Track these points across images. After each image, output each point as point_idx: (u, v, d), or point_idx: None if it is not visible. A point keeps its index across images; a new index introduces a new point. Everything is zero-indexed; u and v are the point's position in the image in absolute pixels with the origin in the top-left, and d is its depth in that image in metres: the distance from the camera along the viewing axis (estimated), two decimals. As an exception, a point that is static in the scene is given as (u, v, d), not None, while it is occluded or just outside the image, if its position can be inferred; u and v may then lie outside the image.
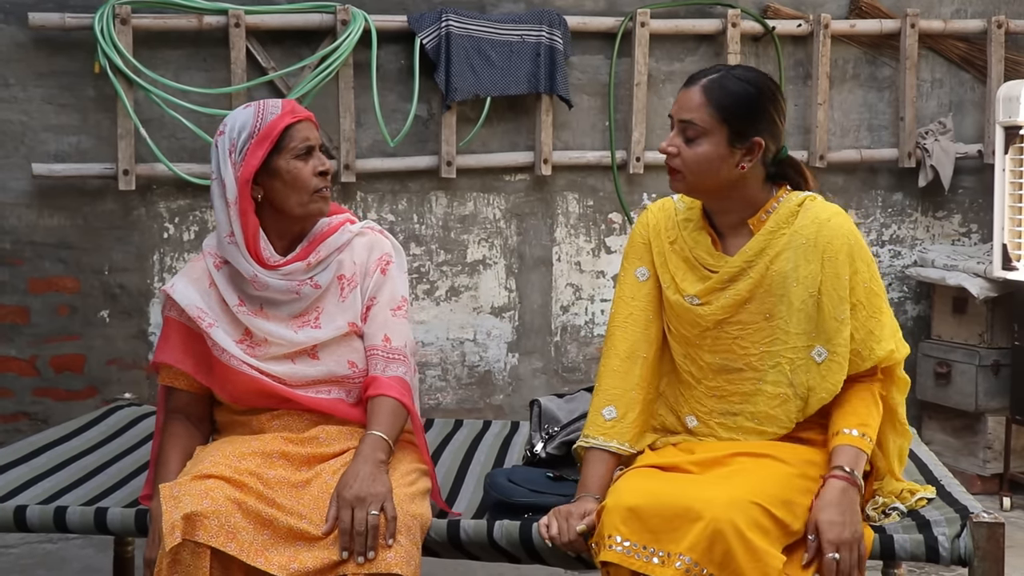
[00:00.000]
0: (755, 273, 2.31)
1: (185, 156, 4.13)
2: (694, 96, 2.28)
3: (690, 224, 2.40)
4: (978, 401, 4.27)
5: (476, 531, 2.30)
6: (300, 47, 4.16)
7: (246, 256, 2.39)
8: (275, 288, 2.41)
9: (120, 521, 2.33)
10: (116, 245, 4.15)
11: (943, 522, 2.23)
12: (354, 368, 2.44)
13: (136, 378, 4.18)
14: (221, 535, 2.14)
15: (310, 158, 2.41)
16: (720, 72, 2.31)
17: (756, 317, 2.31)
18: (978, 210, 4.70)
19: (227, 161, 2.38)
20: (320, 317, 2.45)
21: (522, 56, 4.23)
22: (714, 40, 4.46)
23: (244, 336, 2.42)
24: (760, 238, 2.32)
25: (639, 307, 2.40)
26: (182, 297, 2.42)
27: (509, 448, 2.93)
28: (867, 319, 2.28)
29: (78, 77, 4.06)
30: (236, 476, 2.22)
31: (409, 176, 4.31)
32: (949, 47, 4.63)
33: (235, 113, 2.44)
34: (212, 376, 2.42)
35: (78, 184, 4.10)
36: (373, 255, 2.50)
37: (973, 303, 4.31)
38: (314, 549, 2.18)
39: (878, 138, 4.63)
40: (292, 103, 2.44)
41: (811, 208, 2.32)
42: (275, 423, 2.41)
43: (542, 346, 4.46)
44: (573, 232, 4.46)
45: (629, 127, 4.39)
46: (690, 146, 2.28)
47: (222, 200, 2.39)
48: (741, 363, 2.32)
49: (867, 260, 2.32)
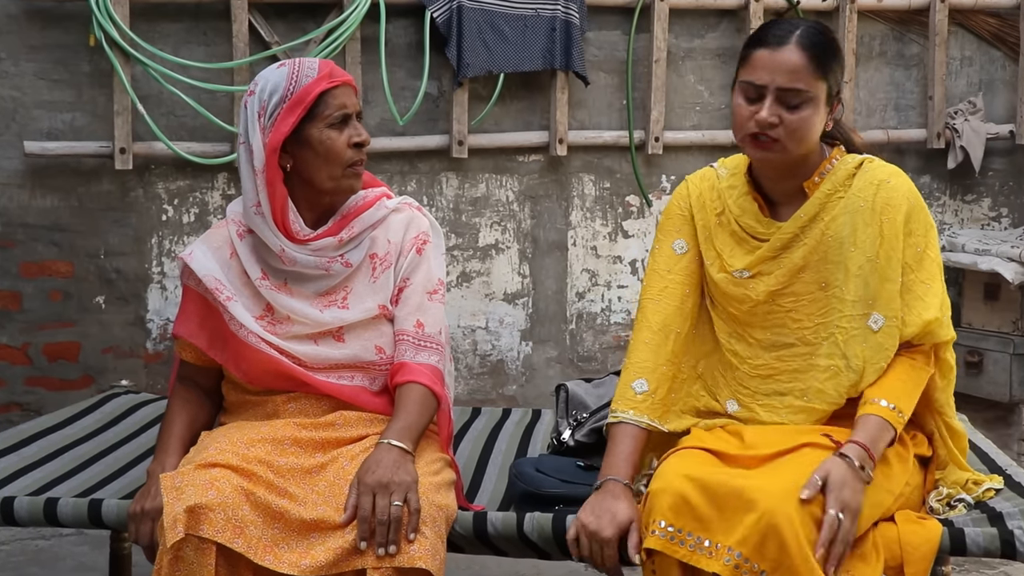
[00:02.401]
0: (810, 239, 2.14)
1: (185, 134, 3.95)
2: (792, 57, 2.06)
3: (735, 191, 2.22)
4: (1012, 391, 4.13)
5: (505, 524, 2.12)
6: (305, 20, 3.98)
7: (273, 229, 2.22)
8: (303, 264, 2.24)
9: (116, 514, 2.15)
10: (112, 228, 3.96)
11: (1017, 514, 2.05)
12: (381, 354, 2.26)
13: (133, 367, 3.99)
14: (228, 529, 1.96)
15: (345, 127, 2.23)
16: (801, 26, 2.11)
17: (811, 287, 2.14)
18: (1009, 193, 4.55)
19: (256, 125, 2.20)
20: (348, 297, 2.28)
21: (537, 31, 4.06)
22: (735, 15, 4.29)
23: (265, 312, 2.25)
24: (815, 201, 2.15)
25: (675, 281, 2.23)
26: (200, 266, 2.25)
27: (532, 436, 2.75)
28: (916, 283, 2.11)
29: (72, 51, 3.88)
30: (244, 464, 2.04)
31: (418, 156, 4.14)
32: (980, 23, 4.47)
33: (267, 72, 2.25)
34: (226, 352, 2.25)
35: (72, 163, 3.92)
36: (409, 233, 2.32)
37: (1006, 289, 4.16)
38: (329, 540, 1.99)
39: (905, 118, 4.47)
40: (331, 64, 2.26)
41: (869, 170, 2.16)
42: (290, 406, 2.23)
43: (557, 334, 4.28)
44: (589, 215, 4.28)
45: (647, 106, 4.22)
46: (793, 112, 2.08)
47: (249, 167, 2.22)
48: (793, 337, 2.16)
49: (925, 224, 2.15)
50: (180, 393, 2.32)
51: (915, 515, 2.08)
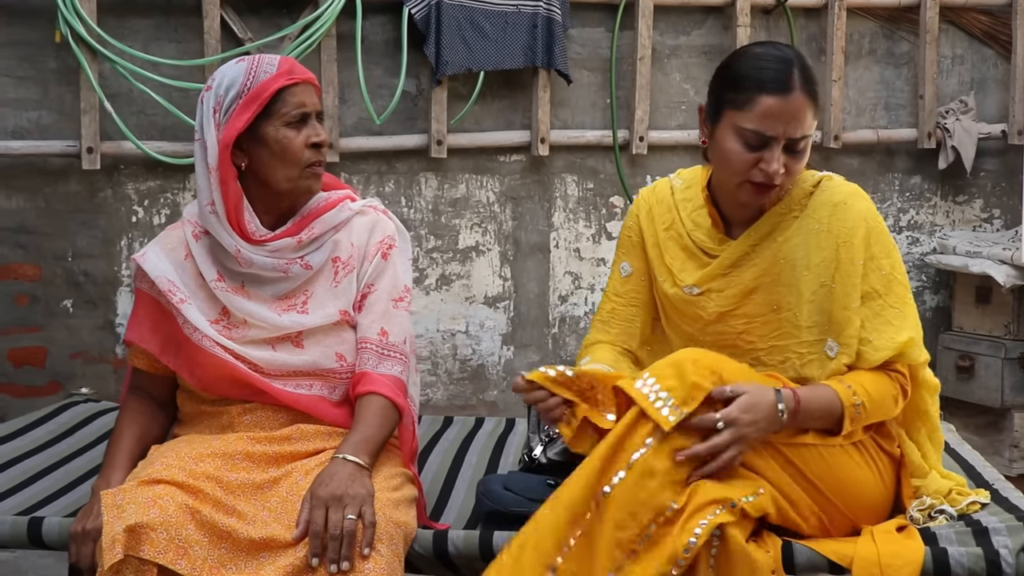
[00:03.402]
0: (761, 260, 2.08)
1: (155, 133, 3.85)
2: (801, 106, 2.01)
3: (688, 204, 2.18)
4: (1004, 396, 4.05)
5: (467, 544, 2.03)
6: (279, 16, 3.89)
7: (227, 228, 2.15)
8: (260, 265, 2.17)
9: (57, 533, 2.04)
10: (80, 229, 3.86)
11: (1004, 531, 1.96)
12: (342, 362, 2.17)
13: (102, 372, 3.89)
14: (171, 550, 1.86)
15: (304, 127, 2.15)
16: (796, 61, 2.03)
17: (763, 308, 2.08)
18: (1001, 194, 4.46)
19: (210, 121, 2.13)
20: (308, 301, 2.20)
21: (518, 28, 3.97)
22: (722, 12, 4.20)
23: (221, 316, 2.17)
24: (768, 219, 2.09)
25: (622, 302, 2.26)
26: (152, 268, 2.18)
27: (504, 450, 2.66)
28: (885, 308, 2.04)
29: (38, 47, 3.77)
30: (191, 481, 1.95)
31: (396, 156, 4.04)
32: (971, 20, 4.38)
33: (225, 67, 2.18)
34: (180, 358, 2.17)
35: (38, 163, 3.81)
36: (374, 237, 2.25)
37: (998, 292, 4.08)
38: (279, 559, 1.90)
39: (896, 117, 4.38)
40: (291, 62, 2.19)
41: (827, 189, 2.09)
42: (246, 418, 2.14)
43: (539, 338, 4.19)
44: (572, 217, 4.19)
45: (632, 105, 4.13)
46: (797, 158, 2.04)
47: (203, 164, 2.14)
48: (748, 358, 2.09)
49: (886, 246, 2.08)
50: (131, 404, 2.24)
51: (895, 528, 2.00)
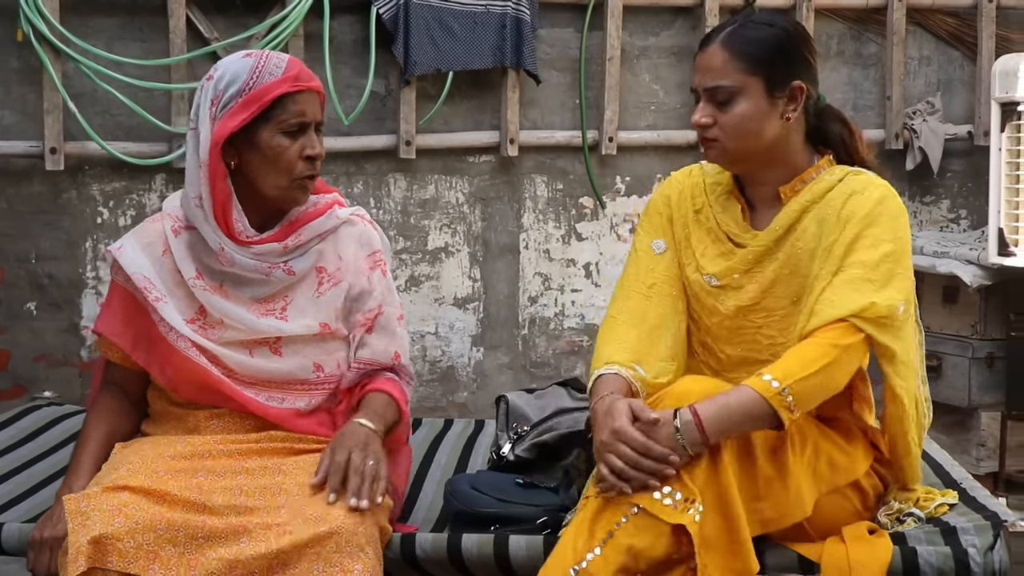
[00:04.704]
0: (782, 253, 2.04)
1: (120, 134, 3.81)
2: (715, 56, 2.01)
3: (718, 189, 2.13)
4: (971, 396, 4.05)
5: (435, 547, 2.01)
6: (246, 16, 3.86)
7: (213, 225, 2.08)
8: (242, 266, 2.11)
9: (17, 539, 2.01)
10: (44, 231, 3.82)
11: (971, 530, 1.96)
12: (319, 372, 2.13)
13: (67, 376, 3.85)
14: (140, 557, 1.83)
15: (300, 136, 2.08)
16: (736, 22, 2.04)
17: (783, 302, 2.04)
18: (967, 195, 4.49)
19: (206, 113, 2.07)
20: (288, 308, 2.15)
21: (487, 28, 3.96)
22: (691, 13, 4.21)
23: (197, 315, 2.11)
24: (789, 212, 2.04)
25: (661, 278, 2.12)
26: (129, 262, 2.11)
27: (473, 450, 2.65)
28: (861, 280, 1.93)
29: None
30: (156, 486, 1.90)
31: (365, 157, 4.02)
32: (938, 22, 4.41)
33: (231, 60, 2.11)
34: (151, 355, 2.12)
35: (1, 164, 3.77)
36: (363, 251, 2.20)
37: (965, 292, 4.09)
38: (258, 544, 1.84)
39: (864, 118, 4.38)
40: (299, 66, 2.11)
41: (849, 181, 2.03)
42: (213, 423, 2.10)
43: (508, 340, 4.17)
44: (542, 217, 4.18)
45: (601, 105, 4.12)
46: (724, 110, 2.00)
47: (194, 155, 2.08)
48: (767, 354, 2.04)
49: (894, 231, 1.97)
50: (102, 401, 2.18)
51: (865, 530, 1.98)
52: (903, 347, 1.97)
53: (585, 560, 1.80)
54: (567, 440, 2.26)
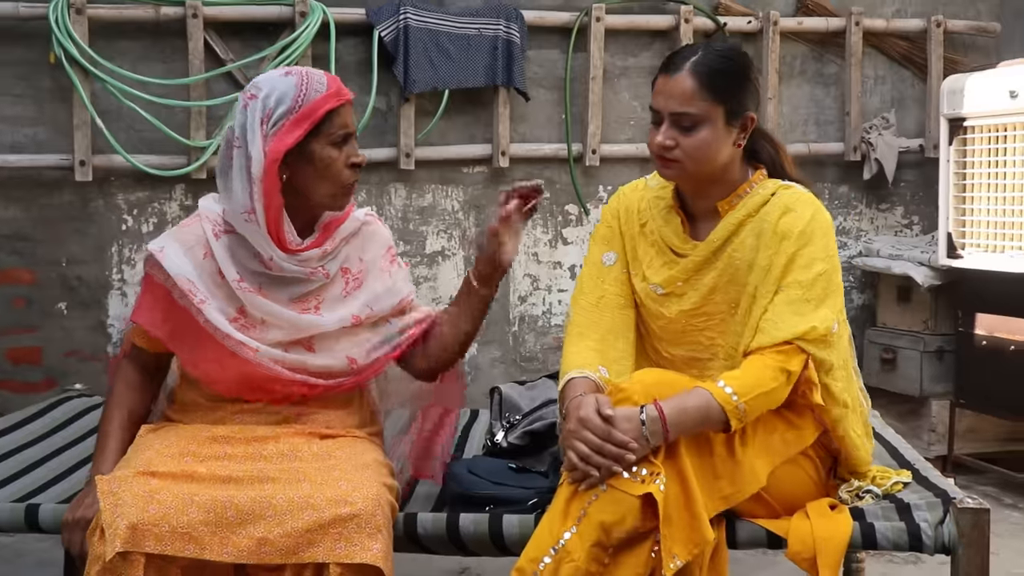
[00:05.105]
0: (720, 262, 2.04)
1: (143, 148, 3.81)
2: (683, 84, 1.99)
3: (661, 203, 2.13)
4: (923, 386, 4.06)
5: (435, 525, 2.01)
6: (259, 39, 3.86)
7: (266, 237, 2.03)
8: (288, 271, 2.07)
9: (52, 518, 2.00)
10: (73, 237, 3.82)
11: (924, 507, 1.96)
12: (353, 364, 2.11)
13: (95, 370, 3.83)
14: (176, 539, 1.81)
15: (345, 146, 2.06)
16: (699, 51, 2.02)
17: (721, 307, 2.05)
18: (919, 202, 4.50)
19: (257, 131, 1.99)
20: (321, 306, 2.11)
21: (480, 49, 3.96)
22: (667, 36, 4.21)
23: (238, 315, 2.06)
24: (727, 225, 2.05)
25: (611, 290, 2.12)
26: (172, 265, 2.04)
27: (469, 437, 2.64)
28: (799, 301, 1.95)
29: (34, 67, 3.73)
30: (183, 469, 1.90)
31: (368, 168, 3.99)
32: (891, 45, 4.42)
33: (273, 79, 2.04)
34: (193, 352, 2.05)
35: (34, 175, 3.77)
36: (379, 249, 2.19)
37: (917, 291, 4.11)
38: (286, 523, 1.83)
39: (825, 132, 4.40)
40: (338, 81, 2.07)
41: (782, 196, 2.04)
42: (238, 417, 2.08)
43: (500, 336, 4.18)
44: (530, 223, 4.18)
45: (585, 120, 4.13)
46: (688, 135, 1.99)
47: (244, 173, 2.01)
48: (708, 353, 2.06)
49: (825, 249, 2.00)
50: (125, 376, 2.12)
51: (827, 506, 2.00)
52: (838, 355, 2.01)
53: (563, 539, 1.81)
54: (555, 428, 2.26)
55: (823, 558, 1.89)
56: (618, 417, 1.84)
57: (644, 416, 1.84)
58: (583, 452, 1.84)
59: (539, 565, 1.80)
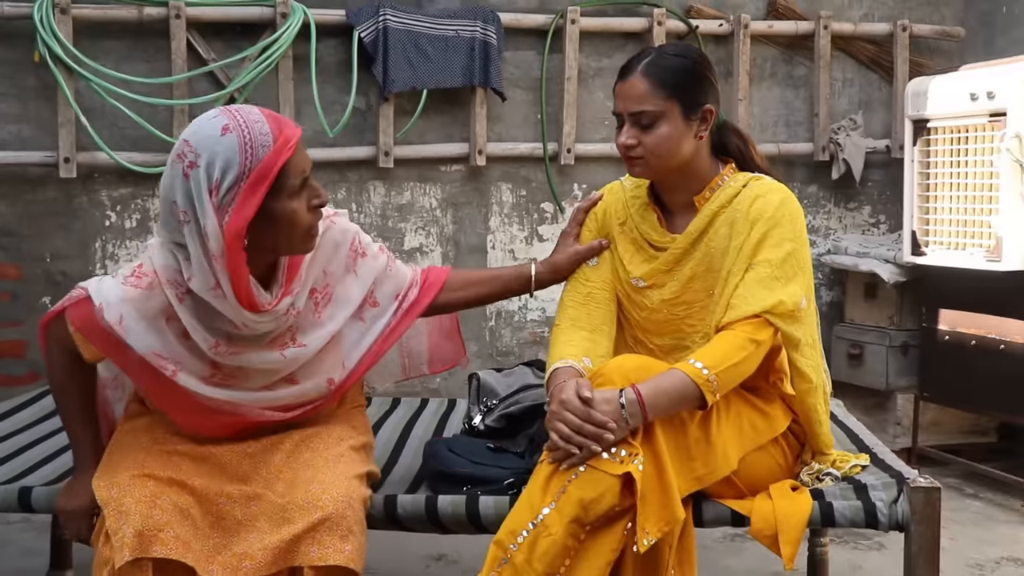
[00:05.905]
0: (697, 252, 2.13)
1: (127, 145, 3.85)
2: (637, 85, 2.08)
3: (637, 202, 2.22)
4: (888, 380, 4.15)
5: (414, 506, 2.07)
6: (240, 39, 3.91)
7: (235, 307, 1.88)
8: (263, 329, 1.95)
9: (45, 499, 2.07)
10: (58, 232, 3.86)
11: (880, 487, 2.05)
12: (332, 385, 2.08)
13: (78, 363, 3.87)
14: (177, 546, 1.85)
15: (304, 190, 1.89)
16: (651, 54, 2.12)
17: (700, 295, 2.14)
18: (886, 202, 4.59)
19: (207, 203, 1.79)
20: (296, 335, 2.02)
21: (457, 50, 4.03)
22: (640, 38, 4.29)
23: (213, 371, 1.96)
24: (703, 217, 2.14)
25: (596, 288, 2.22)
26: (138, 343, 1.88)
27: (448, 422, 2.71)
28: (769, 278, 2.03)
29: (18, 66, 3.77)
30: (175, 475, 1.93)
31: (348, 166, 4.08)
32: (859, 48, 4.52)
33: (209, 140, 1.81)
34: (172, 407, 1.98)
35: (19, 172, 3.81)
36: (341, 252, 2.07)
37: (883, 288, 4.19)
38: (266, 537, 1.89)
39: (794, 133, 4.49)
40: (278, 120, 1.87)
41: (753, 187, 2.14)
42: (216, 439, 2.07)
43: (477, 331, 4.25)
44: (507, 221, 4.26)
45: (560, 120, 4.20)
46: (648, 132, 2.08)
47: (200, 249, 1.82)
48: (688, 341, 2.14)
49: (795, 231, 2.09)
50: (63, 364, 2.00)
51: (789, 488, 2.09)
52: (805, 332, 2.09)
53: (541, 514, 1.88)
54: (531, 412, 2.34)
55: (784, 535, 1.98)
56: (597, 399, 1.92)
57: (623, 399, 1.91)
58: (564, 432, 1.91)
59: (518, 538, 1.87)
